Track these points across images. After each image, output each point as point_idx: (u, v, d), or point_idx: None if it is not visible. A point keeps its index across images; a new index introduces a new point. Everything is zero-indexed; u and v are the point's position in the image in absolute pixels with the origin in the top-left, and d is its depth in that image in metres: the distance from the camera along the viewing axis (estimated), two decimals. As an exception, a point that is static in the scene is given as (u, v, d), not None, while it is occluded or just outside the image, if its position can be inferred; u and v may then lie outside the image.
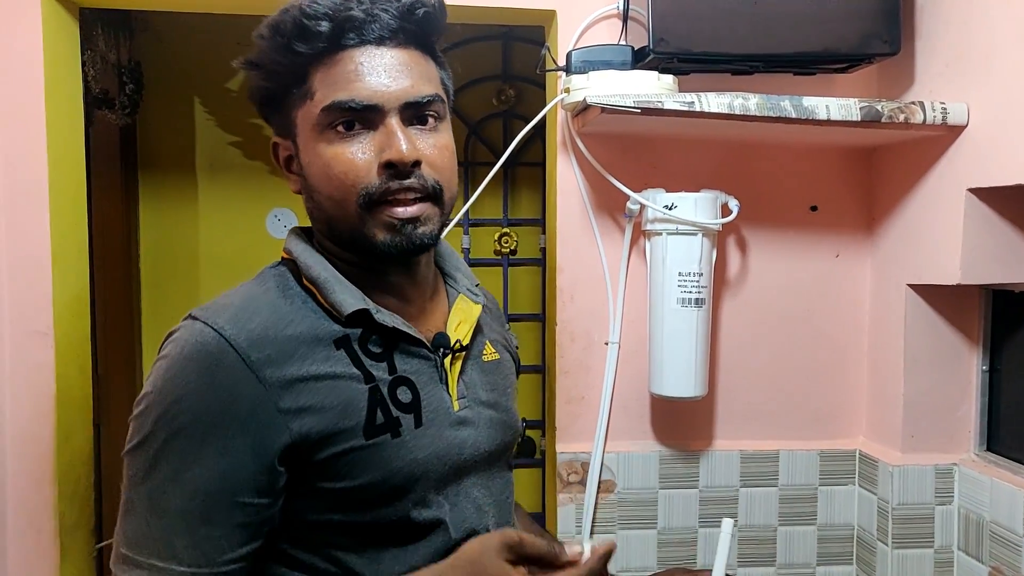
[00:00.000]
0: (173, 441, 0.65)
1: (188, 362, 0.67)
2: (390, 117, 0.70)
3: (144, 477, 0.66)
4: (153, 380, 0.68)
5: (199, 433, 0.65)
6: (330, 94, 0.69)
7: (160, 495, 0.65)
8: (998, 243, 1.12)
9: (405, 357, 0.74)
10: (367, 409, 0.70)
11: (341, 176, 0.70)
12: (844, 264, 1.34)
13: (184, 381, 0.66)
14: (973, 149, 1.10)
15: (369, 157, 0.70)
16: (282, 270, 0.77)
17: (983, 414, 1.26)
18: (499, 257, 1.89)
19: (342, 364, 0.71)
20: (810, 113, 1.09)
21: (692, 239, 1.19)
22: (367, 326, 0.73)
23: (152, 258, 1.84)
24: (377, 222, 0.70)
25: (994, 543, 1.16)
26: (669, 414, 1.31)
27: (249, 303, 0.71)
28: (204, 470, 0.65)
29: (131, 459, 0.67)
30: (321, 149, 0.71)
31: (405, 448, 0.71)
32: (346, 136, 0.70)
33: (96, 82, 1.66)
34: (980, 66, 1.08)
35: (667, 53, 1.11)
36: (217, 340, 0.67)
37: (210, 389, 0.65)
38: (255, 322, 0.69)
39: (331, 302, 0.72)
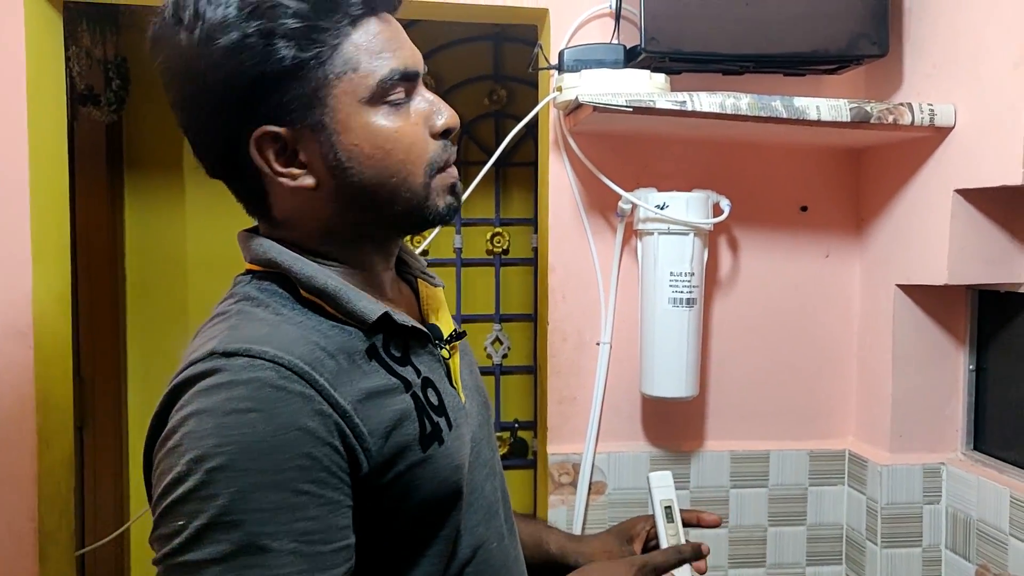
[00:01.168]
0: (266, 505, 0.54)
1: (252, 405, 0.55)
2: (419, 85, 0.67)
3: (238, 554, 0.53)
4: (205, 443, 0.54)
5: (292, 484, 0.54)
6: (381, 64, 0.63)
7: (267, 569, 0.53)
8: (984, 244, 1.13)
9: (418, 356, 0.68)
10: (418, 420, 0.64)
11: (408, 149, 0.65)
12: (833, 264, 1.35)
13: (256, 430, 0.54)
14: (960, 150, 1.11)
15: (420, 126, 0.66)
16: (269, 286, 0.65)
17: (970, 413, 1.27)
18: (491, 257, 1.89)
19: (381, 376, 0.63)
20: (801, 113, 1.10)
21: (684, 239, 1.19)
22: (386, 331, 0.66)
23: (138, 258, 1.82)
24: (440, 189, 0.67)
25: (981, 541, 1.17)
26: (660, 415, 1.31)
27: (273, 327, 0.61)
28: (307, 523, 0.55)
29: (197, 544, 0.53)
30: (377, 127, 0.64)
31: (450, 455, 0.66)
32: (400, 107, 0.65)
33: (81, 78, 1.64)
34: (967, 68, 1.09)
35: (659, 52, 1.12)
36: (277, 371, 0.56)
37: (291, 430, 0.55)
38: (299, 346, 0.59)
39: (349, 311, 0.64)
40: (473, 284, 1.87)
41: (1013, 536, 1.10)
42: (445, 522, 0.66)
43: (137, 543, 1.83)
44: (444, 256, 1.86)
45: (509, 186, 1.90)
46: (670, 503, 0.85)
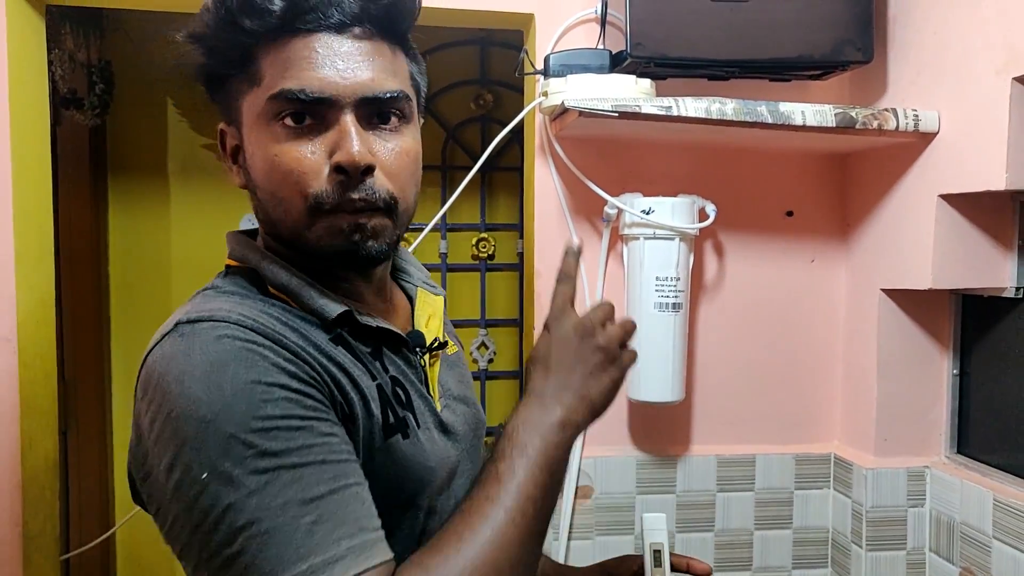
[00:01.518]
0: (276, 430, 0.54)
1: (228, 358, 0.56)
2: (345, 114, 0.62)
3: (267, 485, 0.53)
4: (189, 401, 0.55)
5: (294, 410, 0.56)
6: (278, 81, 0.61)
7: (306, 483, 0.54)
8: (968, 249, 1.13)
9: (391, 358, 0.69)
10: (380, 406, 0.64)
11: (286, 175, 0.62)
12: (819, 269, 1.35)
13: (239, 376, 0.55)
14: (944, 156, 1.11)
15: (319, 157, 0.62)
16: (238, 280, 0.67)
17: (954, 417, 1.27)
18: (476, 262, 1.89)
19: (347, 360, 0.64)
20: (786, 119, 1.10)
21: (669, 244, 1.19)
22: (351, 329, 0.67)
23: (122, 263, 1.80)
24: (323, 230, 0.63)
25: (965, 544, 1.17)
26: (646, 419, 1.31)
27: (236, 304, 0.62)
28: (327, 437, 0.57)
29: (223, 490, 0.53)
30: (266, 143, 0.62)
31: (416, 450, 0.66)
32: (295, 131, 0.62)
33: (64, 82, 1.62)
34: (951, 75, 1.09)
35: (644, 57, 1.12)
36: (242, 331, 0.58)
37: (272, 372, 0.56)
38: (261, 317, 0.60)
39: (310, 308, 0.65)
40: (459, 289, 1.87)
41: (996, 539, 1.11)
42: (403, 517, 0.66)
43: (123, 547, 1.81)
44: (429, 261, 1.85)
45: (495, 191, 1.90)
46: (660, 547, 0.86)
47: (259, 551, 0.52)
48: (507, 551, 0.56)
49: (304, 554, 0.52)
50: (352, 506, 0.56)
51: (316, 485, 0.55)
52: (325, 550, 0.53)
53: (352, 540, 0.54)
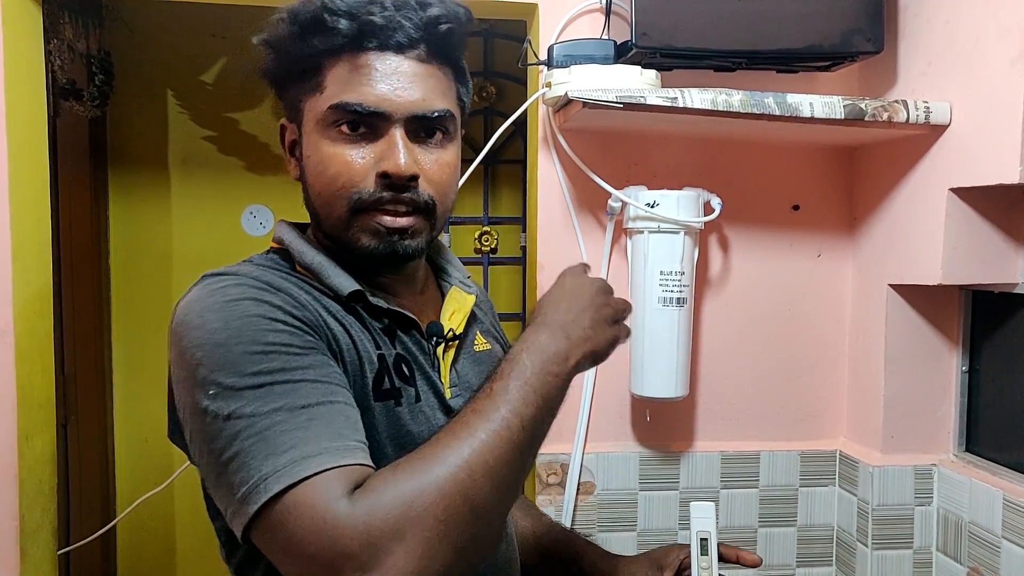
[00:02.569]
0: (275, 357, 0.61)
1: (242, 297, 0.63)
2: (395, 127, 0.69)
3: (264, 396, 0.59)
4: (207, 330, 0.61)
5: (293, 343, 0.62)
6: (339, 93, 0.69)
7: (297, 395, 0.59)
8: (979, 243, 1.11)
9: (402, 340, 0.74)
10: (377, 371, 0.70)
11: (334, 176, 0.69)
12: (826, 264, 1.33)
13: (251, 310, 0.63)
14: (955, 149, 1.09)
15: (367, 163, 0.69)
16: (272, 256, 0.76)
17: (962, 415, 1.26)
18: (479, 256, 1.87)
19: (355, 326, 0.71)
20: (794, 110, 1.08)
21: (674, 237, 1.17)
22: (365, 310, 0.73)
23: (123, 256, 1.79)
24: (363, 227, 0.70)
25: (973, 544, 1.16)
26: (650, 415, 1.30)
27: (259, 270, 0.70)
28: (323, 368, 0.63)
29: (228, 400, 0.59)
30: (322, 145, 0.70)
31: (404, 418, 0.70)
32: (348, 138, 0.69)
33: (63, 72, 1.61)
34: (963, 65, 1.07)
35: (650, 48, 1.10)
36: (257, 283, 0.66)
37: (279, 311, 0.64)
38: (276, 282, 0.68)
39: (328, 285, 0.71)
40: (469, 279, 1.86)
41: (1005, 539, 1.09)
42: None
43: (124, 540, 1.81)
44: (433, 254, 1.84)
45: (498, 184, 1.88)
46: (707, 535, 0.84)
47: (250, 450, 0.57)
48: (487, 463, 0.57)
49: (286, 449, 0.57)
50: (336, 418, 0.60)
51: (305, 397, 0.60)
52: (306, 447, 0.57)
53: (331, 442, 0.58)
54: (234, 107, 1.77)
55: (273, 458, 0.56)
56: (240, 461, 0.57)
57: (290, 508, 0.55)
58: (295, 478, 0.55)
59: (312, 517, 0.54)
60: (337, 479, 0.56)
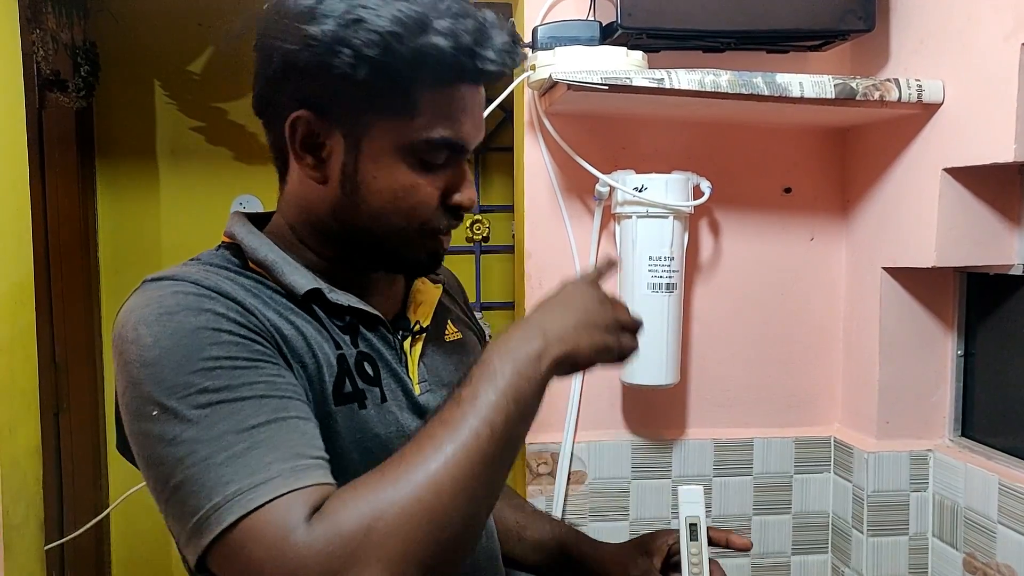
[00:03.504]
0: (219, 372, 0.56)
1: (178, 308, 0.59)
2: (464, 159, 0.70)
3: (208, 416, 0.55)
4: (141, 345, 0.57)
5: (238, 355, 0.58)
6: (437, 125, 0.65)
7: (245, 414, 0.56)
8: (973, 224, 1.09)
9: (366, 336, 0.71)
10: (336, 375, 0.66)
11: (416, 206, 0.67)
12: (818, 247, 1.31)
13: (188, 322, 0.58)
14: (949, 127, 1.07)
15: (439, 192, 0.68)
16: (222, 253, 0.71)
17: (958, 399, 1.24)
18: (471, 244, 1.85)
19: (311, 328, 0.67)
20: (783, 90, 1.06)
21: (663, 222, 1.15)
22: (323, 308, 0.69)
23: (112, 247, 1.78)
24: (424, 247, 0.70)
25: (969, 529, 1.14)
26: (640, 403, 1.28)
27: (204, 271, 0.65)
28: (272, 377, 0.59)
29: (169, 425, 0.55)
30: (400, 171, 0.66)
31: (370, 421, 0.67)
32: (431, 168, 0.67)
33: (47, 63, 1.59)
34: (956, 42, 1.05)
35: (636, 28, 1.08)
36: (197, 288, 0.61)
37: (220, 320, 0.59)
38: (223, 285, 0.63)
39: (283, 283, 0.67)
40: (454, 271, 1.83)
41: (1001, 524, 1.07)
42: None
43: (117, 531, 1.80)
44: (425, 243, 1.82)
45: (490, 172, 1.86)
46: (696, 520, 0.81)
47: (197, 478, 0.54)
48: (455, 478, 0.54)
49: (237, 476, 0.53)
50: (290, 435, 0.56)
51: (254, 416, 0.56)
52: (254, 473, 0.53)
53: (284, 464, 0.54)
54: (222, 97, 1.75)
55: (223, 486, 0.53)
56: (188, 490, 0.54)
57: (246, 538, 0.52)
58: (248, 507, 0.52)
59: (269, 547, 0.51)
60: (294, 504, 0.52)
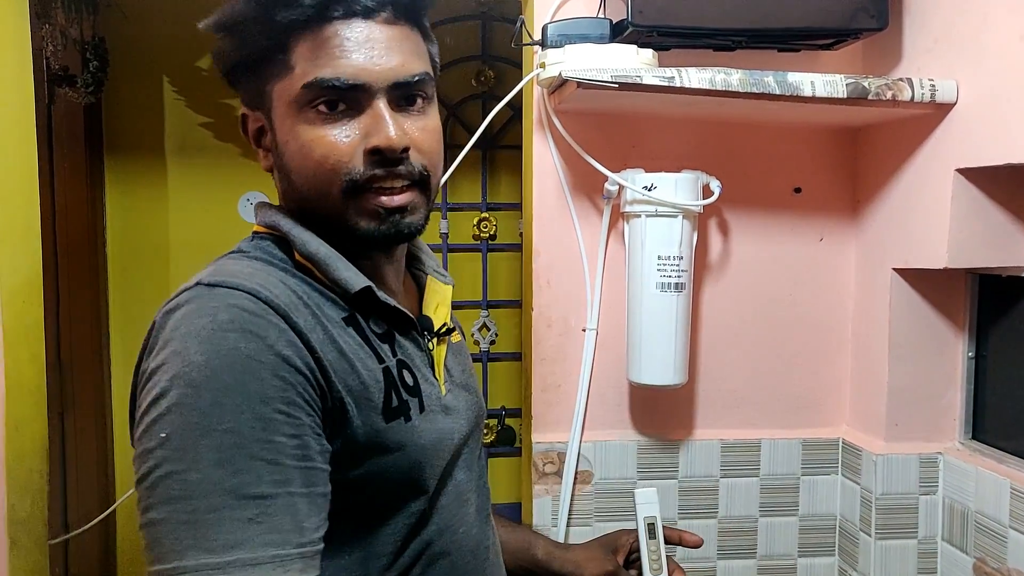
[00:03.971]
0: (250, 415, 0.56)
1: (232, 327, 0.57)
2: (377, 99, 0.65)
3: (221, 464, 0.54)
4: (186, 360, 0.56)
5: (271, 401, 0.57)
6: (312, 70, 0.64)
7: (256, 477, 0.55)
8: (986, 226, 1.08)
9: (400, 341, 0.71)
10: (384, 391, 0.66)
11: (321, 160, 0.65)
12: (828, 248, 1.30)
13: (238, 348, 0.56)
14: (962, 128, 1.06)
15: (354, 140, 0.65)
16: (267, 244, 0.70)
17: (968, 402, 1.23)
18: (478, 242, 1.85)
19: (355, 343, 0.66)
20: (795, 89, 1.05)
21: (672, 221, 1.14)
22: (369, 306, 0.69)
23: (120, 243, 1.78)
24: (360, 210, 0.66)
25: (979, 534, 1.13)
26: (648, 403, 1.28)
27: (256, 272, 0.64)
28: (286, 439, 0.57)
29: (180, 453, 0.54)
30: (300, 129, 0.65)
31: (415, 433, 0.67)
32: (328, 117, 0.65)
33: (56, 58, 1.59)
34: (970, 41, 1.04)
35: (646, 26, 1.07)
36: (255, 302, 0.59)
37: (269, 353, 0.57)
38: (278, 289, 0.62)
39: (334, 279, 0.67)
40: (460, 270, 1.83)
41: (1013, 528, 1.06)
42: (407, 498, 0.68)
43: (123, 529, 1.80)
44: (430, 242, 1.81)
45: (496, 170, 1.86)
46: (653, 520, 0.86)
47: (176, 529, 0.53)
48: None
49: (222, 547, 0.53)
50: (285, 517, 0.56)
51: (259, 483, 0.55)
52: (252, 550, 0.53)
53: (279, 549, 0.55)
54: (230, 93, 1.71)
55: (199, 553, 0.52)
56: (163, 530, 0.53)
57: None
58: None
59: None
60: None
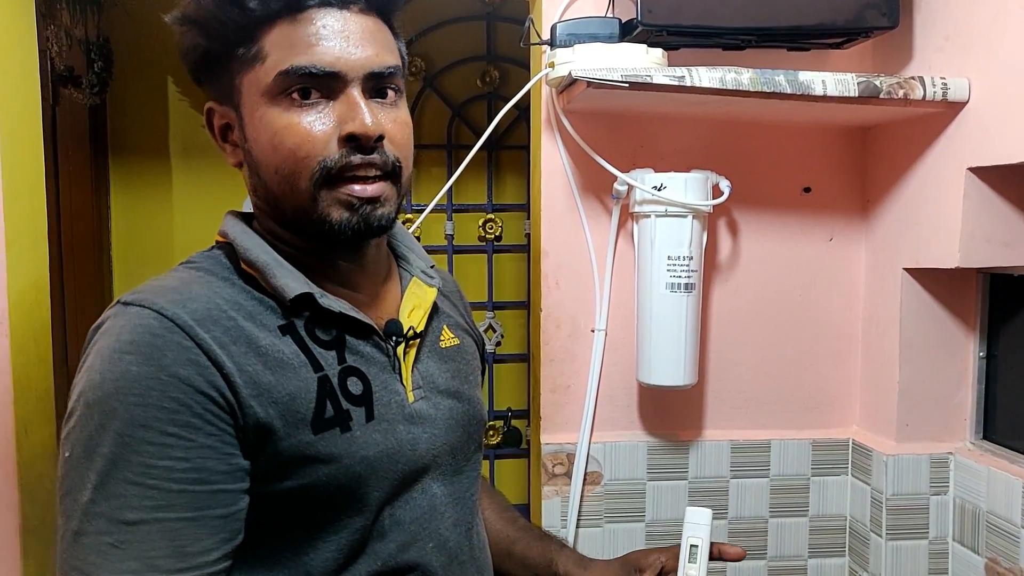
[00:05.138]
0: (129, 440, 0.57)
1: (131, 348, 0.58)
2: (352, 87, 0.64)
3: (97, 488, 0.56)
4: (88, 379, 0.59)
5: (158, 424, 0.57)
6: (287, 58, 0.63)
7: (125, 503, 0.56)
8: (999, 225, 1.08)
9: (355, 346, 0.69)
10: (316, 401, 0.64)
11: (294, 148, 0.63)
12: (838, 248, 1.30)
13: (130, 372, 0.58)
14: (974, 126, 1.05)
15: (327, 129, 0.64)
16: (216, 254, 0.70)
17: (979, 402, 1.22)
18: (484, 243, 1.84)
19: (289, 351, 0.65)
20: (806, 88, 1.05)
21: (682, 221, 1.14)
22: (313, 313, 0.67)
23: (124, 245, 1.78)
24: (332, 200, 0.64)
25: (991, 534, 1.13)
26: (657, 403, 1.27)
27: (186, 285, 0.64)
28: (173, 462, 0.57)
29: (73, 473, 0.57)
30: (272, 118, 0.64)
31: (355, 444, 0.65)
32: (302, 105, 0.63)
33: (61, 59, 1.59)
34: (982, 39, 1.03)
35: (656, 26, 1.06)
36: (160, 320, 0.60)
37: (162, 375, 0.58)
38: (198, 303, 0.62)
39: (273, 286, 0.66)
40: (465, 271, 1.83)
41: (1024, 529, 1.06)
42: (347, 513, 0.66)
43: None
44: (435, 243, 1.81)
45: (502, 171, 1.86)
46: (698, 543, 0.82)
47: (66, 548, 0.57)
48: None
49: (88, 571, 0.56)
50: (157, 542, 0.57)
51: (132, 509, 0.57)
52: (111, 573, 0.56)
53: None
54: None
55: (76, 573, 0.56)
56: (59, 547, 0.58)
57: None
58: None
59: None
60: None
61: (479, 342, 0.89)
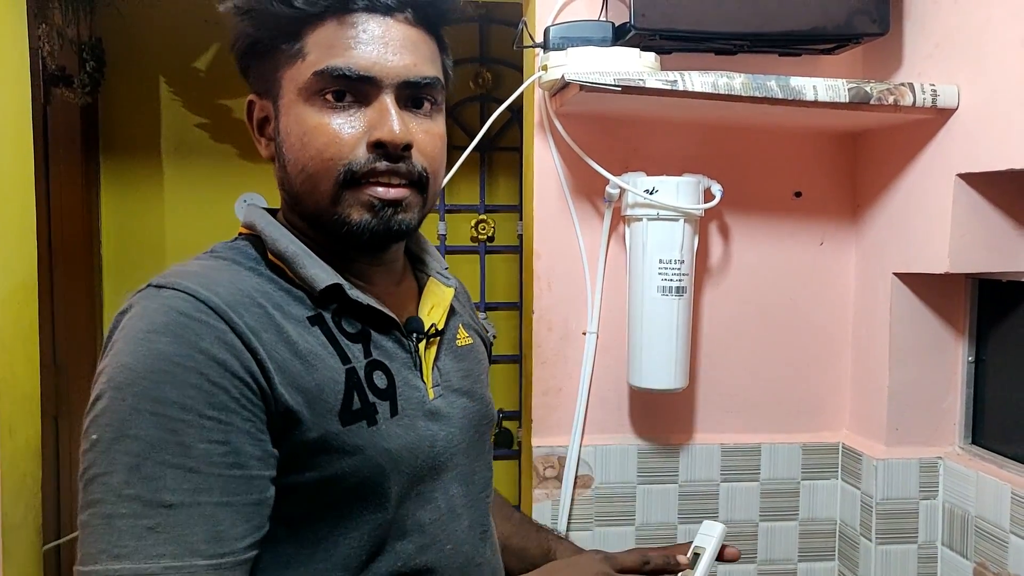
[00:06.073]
0: (166, 421, 0.56)
1: (165, 330, 0.58)
2: (385, 94, 0.65)
3: (132, 470, 0.55)
4: (118, 362, 0.57)
5: (196, 406, 0.56)
6: (325, 58, 0.64)
7: (162, 484, 0.55)
8: (987, 230, 1.08)
9: (379, 341, 0.69)
10: (344, 393, 0.64)
11: (321, 149, 0.64)
12: (828, 252, 1.30)
13: (165, 353, 0.57)
14: (963, 133, 1.06)
15: (357, 132, 0.64)
16: (242, 244, 0.70)
17: (968, 406, 1.23)
18: (476, 244, 1.84)
19: (318, 343, 0.65)
20: (797, 94, 1.05)
21: (673, 225, 1.14)
22: (340, 305, 0.68)
23: (115, 245, 1.77)
24: (354, 200, 0.65)
25: (979, 538, 1.13)
26: (648, 407, 1.27)
27: (214, 272, 0.64)
28: (212, 445, 0.56)
29: (102, 457, 0.56)
30: (305, 116, 0.65)
31: (380, 437, 0.65)
32: (335, 107, 0.64)
33: (53, 59, 1.58)
34: (971, 46, 1.04)
35: (649, 30, 1.07)
36: (194, 304, 0.59)
37: (199, 356, 0.57)
38: (225, 287, 0.62)
39: (302, 276, 0.66)
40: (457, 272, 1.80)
41: (1014, 533, 1.06)
42: (368, 506, 0.65)
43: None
44: (430, 243, 1.81)
45: (495, 172, 1.86)
46: (701, 552, 0.83)
47: (94, 532, 0.55)
48: None
49: (121, 554, 0.54)
50: (196, 527, 0.56)
51: (170, 491, 0.55)
52: (143, 560, 0.54)
53: (175, 561, 0.55)
54: (227, 94, 1.74)
55: (109, 559, 0.54)
56: (84, 532, 0.56)
57: None
58: None
59: None
60: None
61: (487, 342, 0.90)
